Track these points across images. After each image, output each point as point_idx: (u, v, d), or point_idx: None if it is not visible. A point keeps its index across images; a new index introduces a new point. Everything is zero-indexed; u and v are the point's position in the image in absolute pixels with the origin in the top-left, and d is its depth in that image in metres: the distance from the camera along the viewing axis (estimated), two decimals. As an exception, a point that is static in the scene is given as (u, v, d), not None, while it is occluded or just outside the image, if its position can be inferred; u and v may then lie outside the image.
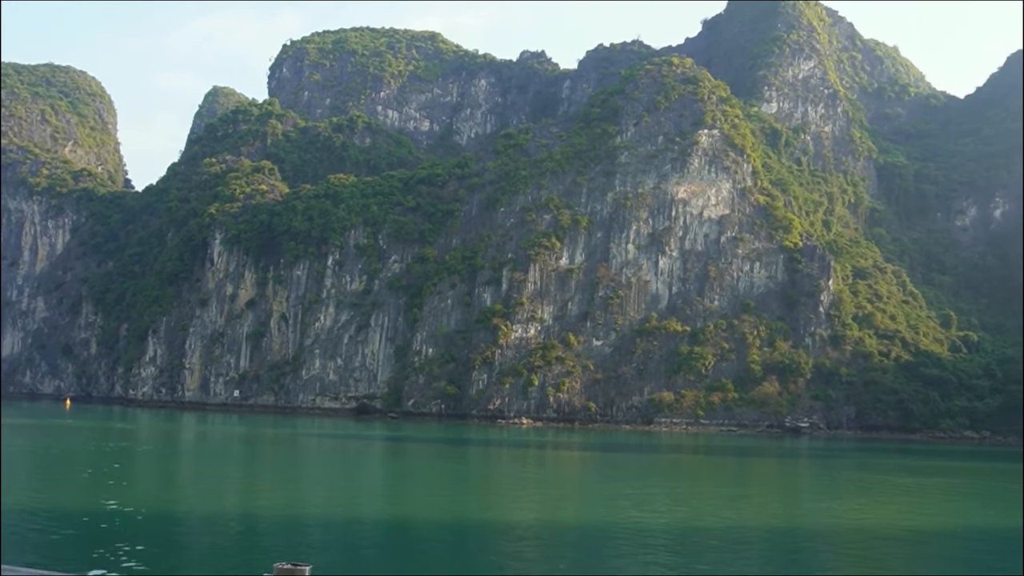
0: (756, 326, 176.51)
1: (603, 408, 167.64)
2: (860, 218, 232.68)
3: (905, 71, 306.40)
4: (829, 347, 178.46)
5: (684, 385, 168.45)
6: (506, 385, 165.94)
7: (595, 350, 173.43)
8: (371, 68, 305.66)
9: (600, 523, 38.53)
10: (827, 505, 50.41)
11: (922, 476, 74.70)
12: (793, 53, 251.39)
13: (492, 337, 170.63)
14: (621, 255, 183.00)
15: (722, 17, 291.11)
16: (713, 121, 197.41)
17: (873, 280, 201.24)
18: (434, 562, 29.56)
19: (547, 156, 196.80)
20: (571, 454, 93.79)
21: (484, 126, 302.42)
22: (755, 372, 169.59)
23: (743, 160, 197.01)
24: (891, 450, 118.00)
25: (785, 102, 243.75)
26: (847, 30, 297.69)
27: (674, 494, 54.14)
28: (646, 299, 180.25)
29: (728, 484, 64.81)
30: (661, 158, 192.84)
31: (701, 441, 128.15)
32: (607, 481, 61.33)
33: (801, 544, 35.41)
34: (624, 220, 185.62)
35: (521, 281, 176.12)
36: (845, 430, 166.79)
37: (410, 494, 48.94)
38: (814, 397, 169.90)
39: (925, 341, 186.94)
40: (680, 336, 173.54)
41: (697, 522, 39.60)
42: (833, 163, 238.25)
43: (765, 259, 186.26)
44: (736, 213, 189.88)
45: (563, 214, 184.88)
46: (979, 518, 45.85)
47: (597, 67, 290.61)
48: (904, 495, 57.86)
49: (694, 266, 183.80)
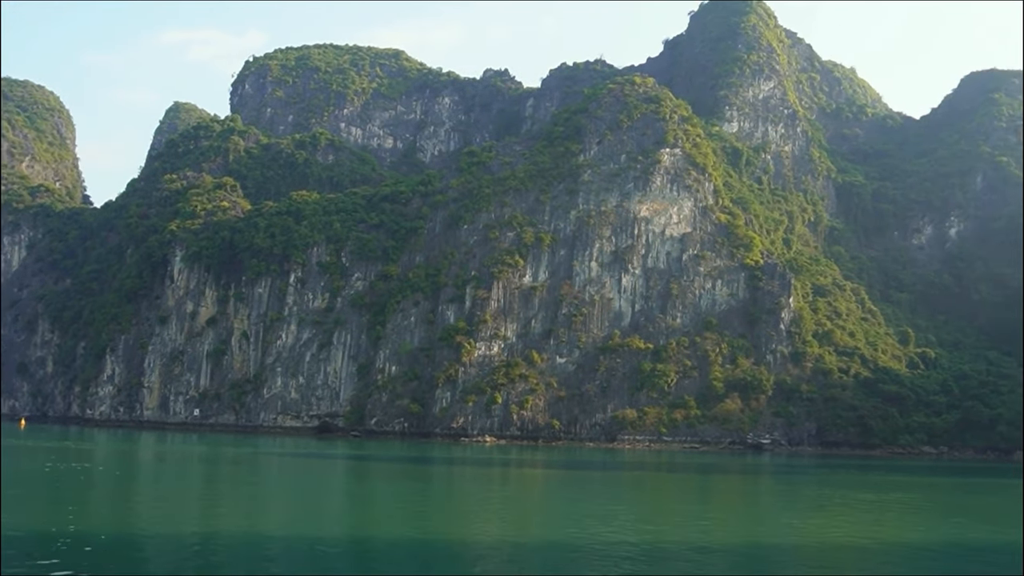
0: (718, 343, 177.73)
1: (567, 425, 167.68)
2: (820, 236, 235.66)
3: (862, 92, 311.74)
4: (790, 364, 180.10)
5: (647, 402, 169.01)
6: (469, 403, 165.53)
7: (558, 367, 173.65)
8: (334, 85, 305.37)
9: (565, 541, 38.45)
10: (789, 521, 50.72)
11: (882, 492, 75.43)
12: (753, 74, 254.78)
13: (455, 355, 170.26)
14: (584, 273, 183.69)
15: (683, 37, 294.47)
16: (675, 140, 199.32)
17: (832, 297, 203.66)
18: None
19: (510, 174, 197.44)
20: (535, 472, 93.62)
21: (448, 144, 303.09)
22: (717, 389, 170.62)
23: (705, 179, 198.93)
24: (851, 466, 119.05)
25: (746, 122, 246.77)
26: (806, 52, 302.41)
27: (638, 511, 54.19)
28: (609, 316, 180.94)
29: (691, 501, 65.00)
30: (624, 176, 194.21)
31: (664, 458, 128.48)
32: (571, 499, 61.25)
33: (764, 560, 35.57)
34: (587, 238, 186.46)
35: (484, 299, 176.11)
36: (806, 446, 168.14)
37: (373, 514, 48.57)
38: (775, 414, 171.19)
39: (884, 358, 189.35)
40: (643, 353, 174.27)
41: (661, 540, 39.65)
42: (793, 182, 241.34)
43: (727, 277, 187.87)
44: (698, 231, 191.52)
45: (526, 232, 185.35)
46: (939, 532, 46.35)
47: (560, 86, 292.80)
48: (865, 511, 58.37)
49: (656, 284, 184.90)
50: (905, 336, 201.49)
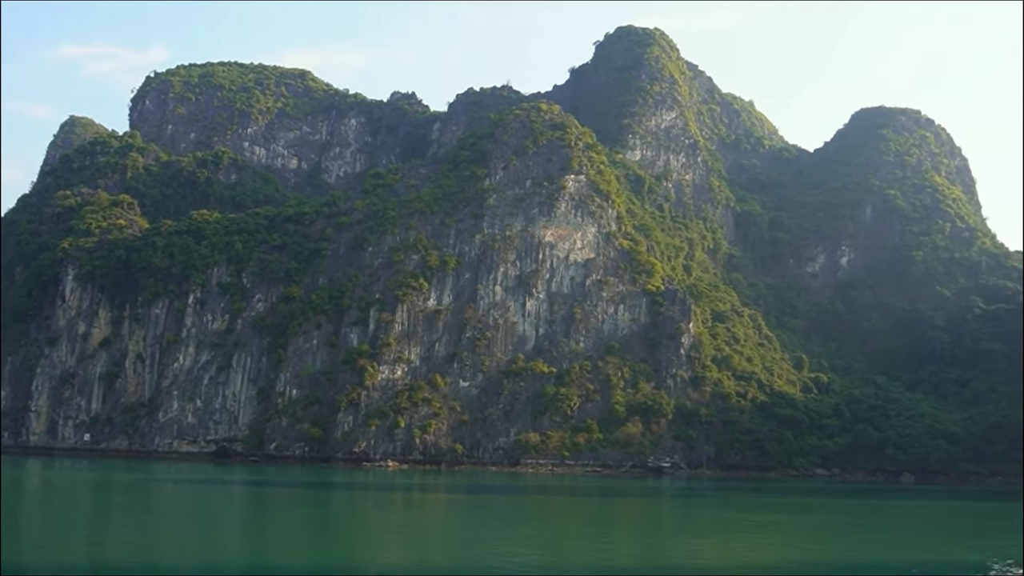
0: (620, 367, 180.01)
1: (470, 450, 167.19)
2: (719, 263, 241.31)
3: (760, 124, 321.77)
4: (690, 388, 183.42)
5: (550, 426, 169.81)
6: (372, 427, 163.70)
7: (462, 391, 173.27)
8: (238, 103, 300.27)
9: (467, 567, 38.28)
10: (688, 543, 51.48)
11: (778, 513, 77.26)
12: (656, 104, 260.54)
13: (358, 378, 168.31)
14: (488, 297, 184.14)
15: (589, 66, 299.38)
16: (579, 167, 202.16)
17: (731, 323, 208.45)
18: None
19: (416, 197, 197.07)
20: (437, 496, 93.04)
21: (353, 165, 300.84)
22: (619, 413, 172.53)
23: (608, 205, 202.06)
24: (749, 488, 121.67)
25: (648, 150, 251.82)
26: (706, 84, 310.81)
27: (540, 535, 54.30)
28: (513, 340, 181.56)
29: (593, 525, 65.46)
30: (529, 202, 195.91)
31: (567, 482, 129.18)
32: (474, 524, 61.04)
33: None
34: (492, 262, 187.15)
35: (388, 322, 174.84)
36: (705, 469, 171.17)
37: (270, 542, 47.53)
38: (675, 437, 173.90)
39: (779, 382, 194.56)
40: (546, 377, 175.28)
41: (563, 564, 39.80)
42: (693, 210, 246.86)
43: (629, 302, 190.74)
44: (601, 257, 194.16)
45: (431, 255, 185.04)
46: (832, 553, 47.63)
47: (467, 110, 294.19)
48: (761, 532, 59.66)
49: (560, 308, 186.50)
50: (799, 361, 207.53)
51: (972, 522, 74.42)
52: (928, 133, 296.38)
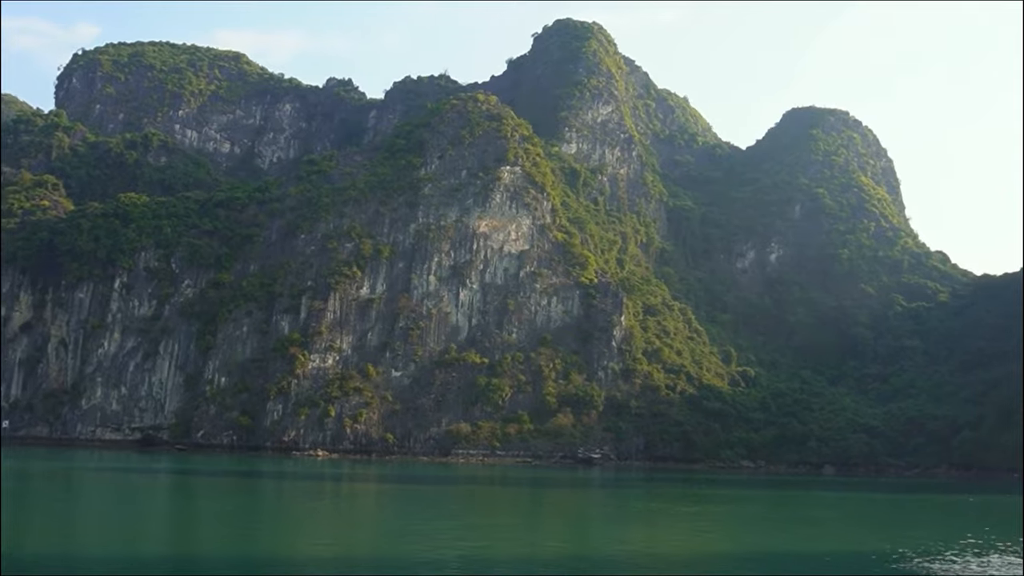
0: (552, 359, 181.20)
1: (401, 439, 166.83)
2: (651, 257, 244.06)
3: (694, 121, 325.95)
4: (620, 380, 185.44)
5: (481, 416, 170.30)
6: (302, 416, 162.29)
7: (394, 381, 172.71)
8: (170, 85, 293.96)
9: (394, 557, 38.35)
10: (616, 533, 52.19)
11: (705, 504, 78.72)
12: (593, 97, 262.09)
13: (289, 367, 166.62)
14: (422, 286, 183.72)
15: (527, 58, 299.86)
16: (515, 158, 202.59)
17: (662, 317, 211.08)
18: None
19: (351, 184, 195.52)
20: (367, 486, 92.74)
21: (287, 151, 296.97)
22: (550, 404, 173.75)
23: (543, 198, 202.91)
24: (676, 479, 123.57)
25: (584, 144, 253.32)
26: (643, 79, 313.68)
27: (469, 525, 54.55)
28: (446, 331, 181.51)
29: (522, 515, 65.94)
30: (464, 192, 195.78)
31: (497, 472, 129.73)
32: (403, 514, 61.06)
33: (590, 572, 36.50)
34: (426, 252, 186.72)
35: (320, 310, 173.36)
36: (634, 460, 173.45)
37: (196, 532, 47.00)
38: (606, 428, 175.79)
39: (708, 375, 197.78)
40: (478, 368, 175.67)
41: (491, 554, 40.08)
42: (627, 204, 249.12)
43: (562, 294, 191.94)
44: (535, 249, 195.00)
45: (365, 243, 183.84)
46: (754, 543, 48.71)
47: (404, 99, 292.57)
48: (687, 522, 60.77)
49: (494, 299, 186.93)
50: (728, 355, 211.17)
51: (888, 513, 76.76)
52: (855, 134, 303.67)
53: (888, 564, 37.84)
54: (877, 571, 36.07)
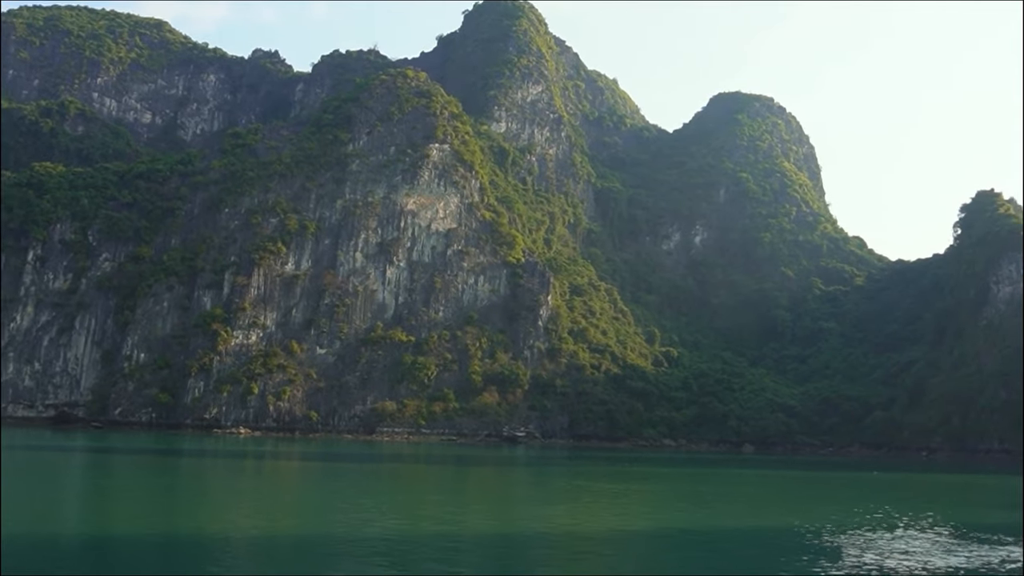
0: (478, 338, 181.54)
1: (325, 417, 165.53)
2: (578, 238, 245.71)
3: (623, 103, 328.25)
4: (546, 359, 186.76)
5: (407, 394, 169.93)
6: (224, 393, 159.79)
7: (319, 358, 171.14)
8: (88, 51, 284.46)
9: (316, 535, 38.12)
10: (539, 511, 52.68)
11: (627, 482, 79.86)
12: (523, 77, 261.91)
13: (211, 343, 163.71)
14: (349, 263, 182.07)
15: (457, 35, 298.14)
16: (444, 136, 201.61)
17: (588, 297, 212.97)
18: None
19: (276, 159, 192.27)
20: (290, 464, 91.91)
21: (211, 123, 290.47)
22: (476, 382, 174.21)
23: (471, 176, 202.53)
24: (599, 457, 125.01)
25: (513, 123, 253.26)
26: (573, 60, 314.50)
27: (393, 503, 54.50)
28: (372, 308, 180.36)
29: (446, 492, 66.11)
30: (392, 169, 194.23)
31: (422, 450, 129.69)
32: (326, 492, 60.69)
33: (513, 549, 36.78)
34: (353, 228, 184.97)
35: (244, 286, 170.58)
36: (558, 439, 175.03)
37: (112, 511, 46.01)
38: (531, 407, 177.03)
39: (632, 355, 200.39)
40: (404, 346, 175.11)
41: (414, 531, 40.11)
42: (555, 184, 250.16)
43: (489, 273, 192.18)
44: (463, 227, 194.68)
45: (290, 219, 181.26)
46: (675, 520, 49.64)
47: (332, 73, 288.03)
48: (609, 499, 61.61)
49: (420, 277, 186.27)
50: (652, 335, 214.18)
51: (802, 490, 78.94)
52: (780, 120, 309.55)
53: (803, 538, 38.97)
54: (793, 544, 37.13)
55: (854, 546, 35.67)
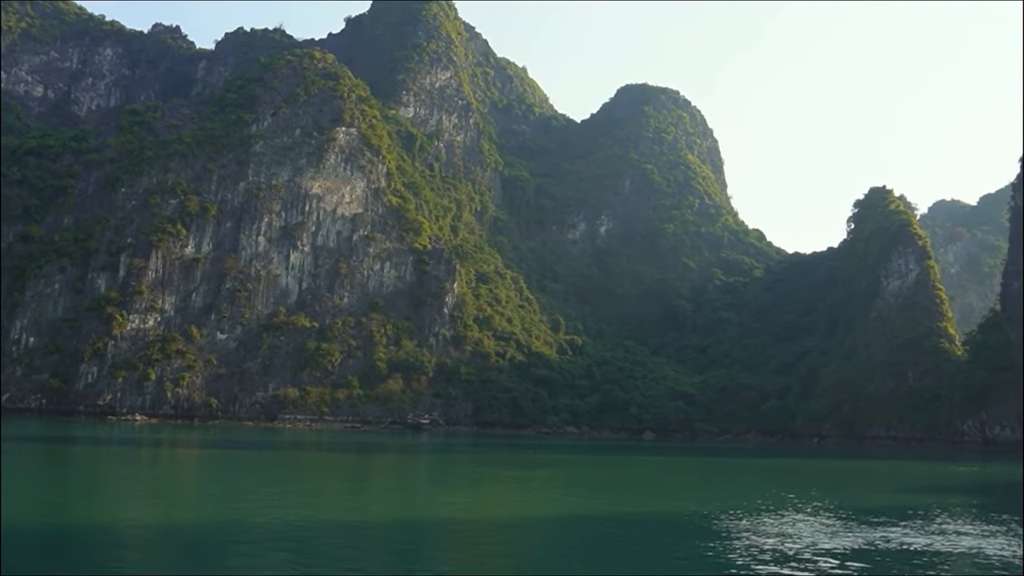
0: (383, 324, 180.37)
1: (225, 404, 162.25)
2: (485, 226, 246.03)
3: (532, 92, 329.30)
4: (451, 347, 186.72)
5: (310, 381, 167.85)
6: (119, 379, 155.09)
7: (219, 344, 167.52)
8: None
9: (215, 521, 37.32)
10: (441, 497, 52.70)
11: (529, 468, 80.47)
12: (432, 62, 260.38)
13: (105, 327, 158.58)
14: (251, 247, 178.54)
15: (366, 17, 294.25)
16: (351, 119, 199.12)
17: (494, 285, 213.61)
18: (28, 572, 26.98)
19: (176, 138, 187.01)
20: (188, 452, 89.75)
21: (107, 99, 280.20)
22: (380, 369, 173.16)
23: (379, 161, 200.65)
24: (503, 444, 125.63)
25: (422, 108, 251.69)
26: (482, 47, 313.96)
27: (293, 491, 53.77)
28: (275, 293, 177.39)
29: (348, 480, 65.54)
30: (297, 151, 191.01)
31: (325, 438, 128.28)
32: (225, 479, 59.51)
33: (415, 536, 36.71)
34: (256, 211, 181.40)
35: (141, 268, 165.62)
36: (463, 426, 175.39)
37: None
38: (435, 394, 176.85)
39: (537, 343, 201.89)
40: (308, 332, 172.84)
41: (315, 519, 39.64)
42: (463, 171, 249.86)
43: (395, 259, 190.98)
44: (369, 212, 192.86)
45: (191, 200, 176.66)
46: (576, 505, 50.24)
47: (236, 51, 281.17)
48: (512, 486, 61.99)
49: (325, 262, 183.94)
50: (556, 324, 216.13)
51: (698, 476, 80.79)
52: (685, 113, 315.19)
53: (698, 522, 39.91)
54: (688, 527, 37.99)
55: (746, 529, 36.69)
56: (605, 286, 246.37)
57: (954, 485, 73.96)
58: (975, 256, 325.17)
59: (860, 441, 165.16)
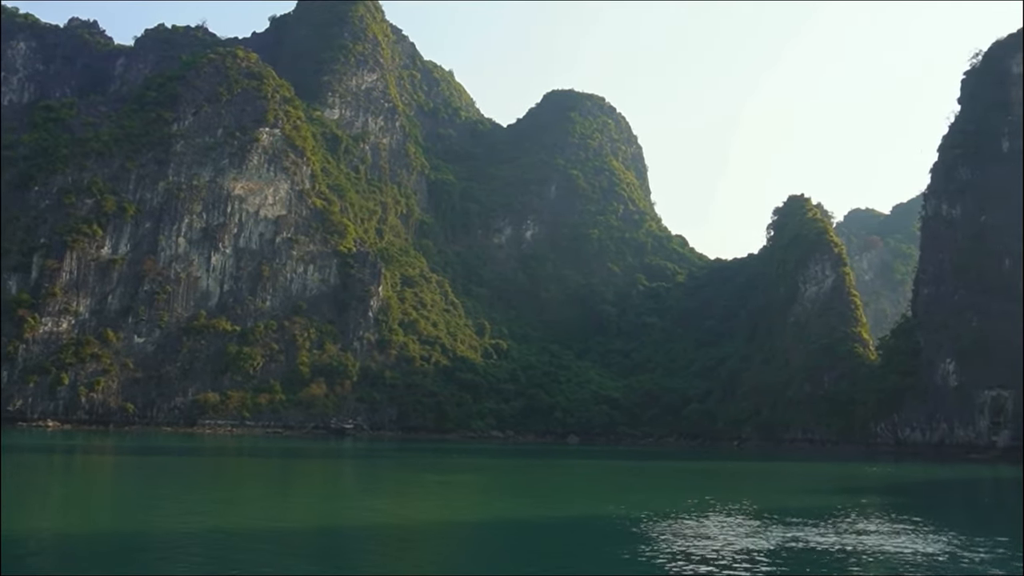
0: (307, 328, 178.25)
1: (142, 409, 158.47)
2: (410, 229, 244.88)
3: (458, 95, 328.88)
4: (376, 351, 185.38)
5: (231, 386, 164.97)
6: (30, 384, 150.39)
7: (136, 348, 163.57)
8: None
9: (130, 532, 36.40)
10: (365, 502, 52.26)
11: (453, 473, 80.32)
12: (358, 63, 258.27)
13: (16, 330, 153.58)
14: (171, 248, 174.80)
15: (291, 17, 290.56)
16: (275, 120, 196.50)
17: (419, 288, 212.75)
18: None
19: (93, 136, 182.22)
20: (103, 459, 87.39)
21: (20, 94, 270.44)
22: (304, 374, 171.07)
23: (303, 162, 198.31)
24: (427, 449, 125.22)
25: (347, 110, 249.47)
26: (409, 49, 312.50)
27: (212, 498, 52.76)
28: (195, 296, 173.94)
29: (269, 486, 64.57)
30: (219, 151, 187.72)
31: (246, 443, 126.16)
32: (142, 486, 58.10)
33: (337, 542, 36.36)
34: (176, 212, 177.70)
35: (55, 270, 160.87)
36: (387, 431, 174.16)
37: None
38: (359, 399, 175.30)
39: (462, 348, 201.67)
40: (229, 335, 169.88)
41: (233, 525, 38.98)
42: (389, 174, 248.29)
43: (319, 262, 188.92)
44: (293, 215, 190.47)
45: (108, 200, 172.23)
46: (500, 509, 50.32)
47: (157, 48, 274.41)
48: (435, 490, 61.79)
49: (247, 265, 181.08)
50: (482, 328, 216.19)
51: (621, 479, 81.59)
52: (610, 120, 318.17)
53: (618, 524, 40.32)
54: (609, 530, 38.35)
55: (667, 531, 37.20)
56: (530, 291, 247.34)
57: (866, 486, 76.11)
58: (888, 263, 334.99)
59: (778, 444, 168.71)
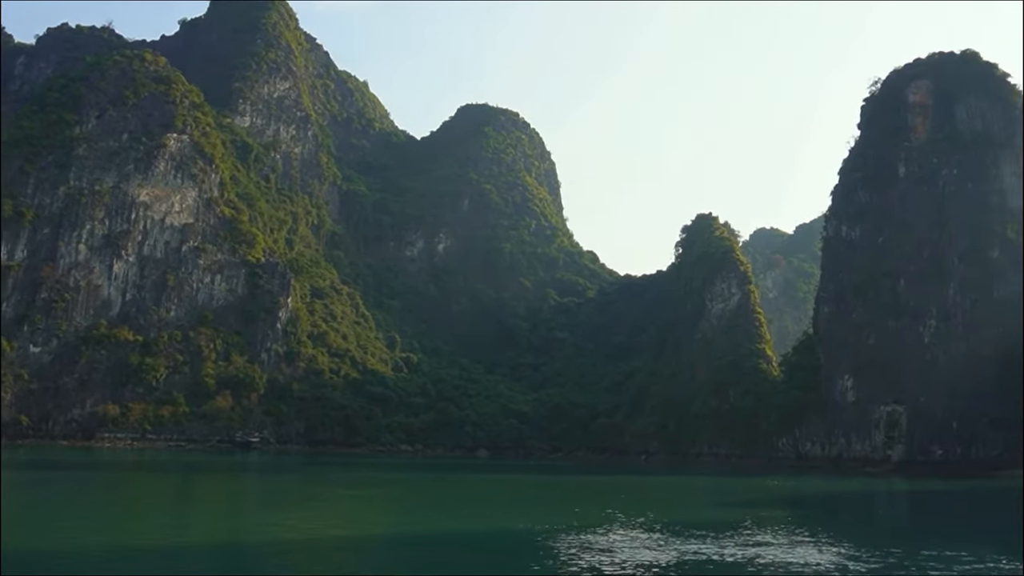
0: (213, 339, 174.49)
1: (37, 422, 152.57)
2: (321, 240, 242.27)
3: (372, 106, 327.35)
4: (284, 363, 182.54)
5: (132, 398, 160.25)
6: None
7: (32, 358, 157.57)
8: None
9: (19, 549, 35.05)
10: (270, 518, 51.37)
11: (361, 487, 79.53)
12: (270, 71, 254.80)
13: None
14: (70, 255, 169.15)
15: (202, 21, 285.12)
16: (184, 126, 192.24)
17: (329, 300, 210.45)
18: None
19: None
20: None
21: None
22: (209, 386, 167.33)
23: (211, 170, 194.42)
24: (335, 463, 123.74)
25: (258, 118, 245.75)
26: (323, 58, 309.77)
27: (109, 516, 51.18)
28: (96, 305, 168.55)
29: (170, 501, 62.97)
30: (124, 156, 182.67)
31: (147, 457, 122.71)
32: (29, 503, 55.95)
33: (240, 558, 35.67)
34: (77, 218, 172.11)
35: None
36: (294, 444, 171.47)
37: None
38: (266, 412, 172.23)
39: (372, 360, 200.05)
40: (131, 346, 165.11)
41: (131, 544, 37.89)
42: (300, 184, 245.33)
43: (227, 272, 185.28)
44: (200, 223, 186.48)
45: (4, 203, 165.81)
46: (408, 523, 50.05)
47: (59, 48, 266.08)
48: (343, 505, 61.11)
49: (151, 273, 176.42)
50: (393, 341, 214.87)
51: (529, 493, 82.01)
52: (524, 135, 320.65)
53: (525, 539, 40.56)
54: (516, 545, 38.56)
55: (573, 545, 37.55)
56: (442, 304, 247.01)
57: (767, 499, 78.08)
58: (791, 282, 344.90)
59: (684, 458, 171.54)
